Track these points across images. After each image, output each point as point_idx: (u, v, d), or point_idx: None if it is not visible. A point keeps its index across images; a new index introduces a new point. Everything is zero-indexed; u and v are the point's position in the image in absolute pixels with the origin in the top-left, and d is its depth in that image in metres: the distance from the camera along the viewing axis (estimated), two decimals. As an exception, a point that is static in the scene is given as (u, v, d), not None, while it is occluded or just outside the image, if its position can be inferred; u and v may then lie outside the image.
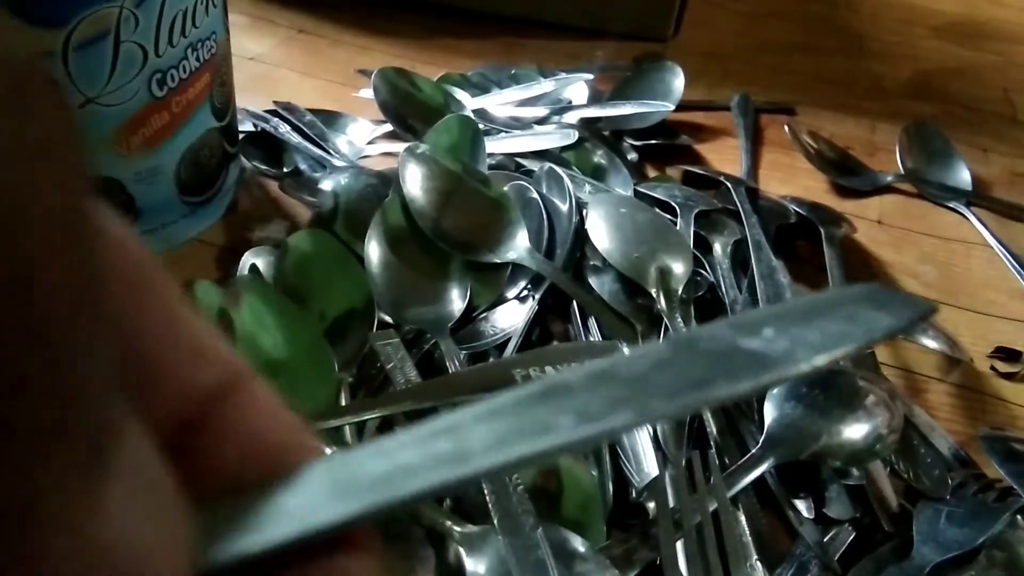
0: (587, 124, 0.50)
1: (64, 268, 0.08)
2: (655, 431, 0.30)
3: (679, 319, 0.35)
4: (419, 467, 0.11)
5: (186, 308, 0.12)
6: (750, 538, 0.27)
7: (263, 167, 0.45)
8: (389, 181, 0.39)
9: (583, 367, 0.12)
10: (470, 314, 0.35)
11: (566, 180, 0.41)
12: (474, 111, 0.49)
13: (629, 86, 0.54)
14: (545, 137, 0.46)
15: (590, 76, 0.54)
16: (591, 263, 0.38)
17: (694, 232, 0.41)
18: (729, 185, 0.45)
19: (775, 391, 0.32)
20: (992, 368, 0.38)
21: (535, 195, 0.40)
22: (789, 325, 0.12)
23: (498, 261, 0.37)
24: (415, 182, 0.37)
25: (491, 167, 0.44)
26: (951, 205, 0.50)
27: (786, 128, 0.54)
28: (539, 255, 0.37)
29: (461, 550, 0.25)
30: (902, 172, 0.52)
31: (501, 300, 0.36)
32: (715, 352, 0.12)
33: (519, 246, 0.37)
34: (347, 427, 0.29)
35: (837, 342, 0.12)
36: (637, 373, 0.12)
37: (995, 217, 0.49)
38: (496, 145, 0.46)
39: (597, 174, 0.46)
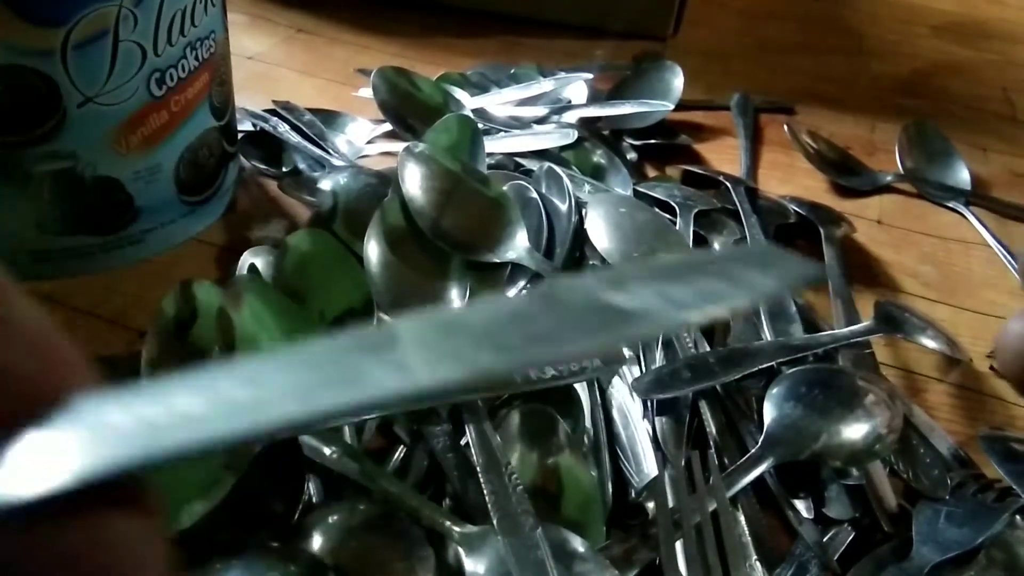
0: (586, 123, 0.50)
1: None
2: (655, 431, 0.30)
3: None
4: (203, 416, 0.10)
5: None
6: (749, 538, 0.27)
7: (262, 166, 0.45)
8: (388, 181, 0.39)
9: (424, 315, 0.11)
10: (469, 314, 0.35)
11: (565, 180, 0.41)
12: (473, 110, 0.49)
13: (628, 85, 0.54)
14: (544, 136, 0.46)
15: (589, 75, 0.54)
16: (590, 263, 0.38)
17: (693, 232, 0.41)
18: (728, 185, 0.45)
19: (774, 391, 0.32)
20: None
21: (534, 195, 0.40)
22: (661, 281, 0.11)
23: (497, 261, 0.37)
24: (414, 181, 0.37)
25: (490, 166, 0.44)
26: (950, 205, 0.50)
27: (785, 128, 0.54)
28: (538, 255, 0.37)
29: (460, 550, 0.25)
30: (901, 172, 0.52)
31: (500, 300, 0.36)
32: (574, 305, 0.11)
33: (518, 246, 0.37)
34: (347, 427, 0.29)
35: (708, 300, 0.11)
36: (482, 325, 0.11)
37: (994, 217, 0.49)
38: (495, 144, 0.46)
39: (596, 174, 0.46)
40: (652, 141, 0.51)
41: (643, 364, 0.34)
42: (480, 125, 0.44)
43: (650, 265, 0.12)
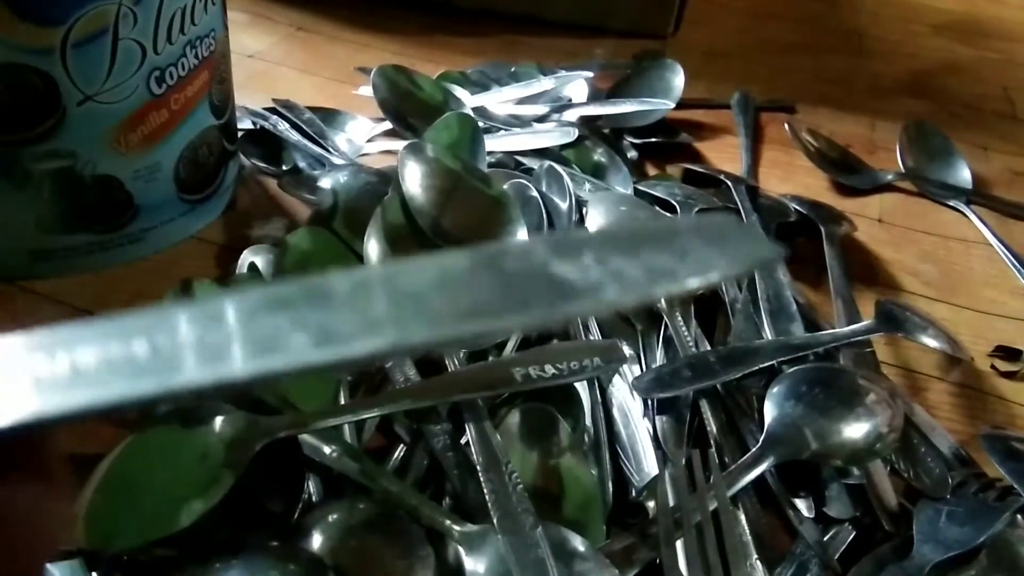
0: (587, 122, 0.50)
1: None
2: (655, 430, 0.30)
3: (679, 318, 0.35)
4: (95, 373, 0.09)
5: None
6: (750, 537, 0.27)
7: (262, 165, 0.45)
8: (388, 179, 0.39)
9: (355, 271, 0.10)
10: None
11: (566, 178, 0.41)
12: (474, 109, 0.49)
13: (629, 84, 0.54)
14: (545, 135, 0.46)
15: (590, 74, 0.54)
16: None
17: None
18: (729, 183, 0.45)
19: (774, 390, 0.32)
20: (992, 367, 0.38)
21: (535, 193, 0.40)
22: (613, 253, 0.11)
23: (498, 259, 0.36)
24: (414, 180, 0.37)
25: (491, 165, 0.44)
26: (951, 203, 0.50)
27: (786, 126, 0.54)
28: (539, 253, 0.37)
29: (460, 549, 0.25)
30: (902, 170, 0.52)
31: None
32: (519, 274, 0.10)
33: (519, 244, 0.37)
34: (346, 426, 0.29)
35: (656, 280, 0.10)
36: (416, 287, 0.10)
37: (995, 215, 0.49)
38: (496, 143, 0.45)
39: (597, 172, 0.46)
40: (653, 140, 0.51)
41: (643, 363, 0.34)
42: (480, 123, 0.44)
43: (602, 234, 0.12)
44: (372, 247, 0.35)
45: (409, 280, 0.10)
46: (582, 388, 0.31)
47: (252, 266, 0.34)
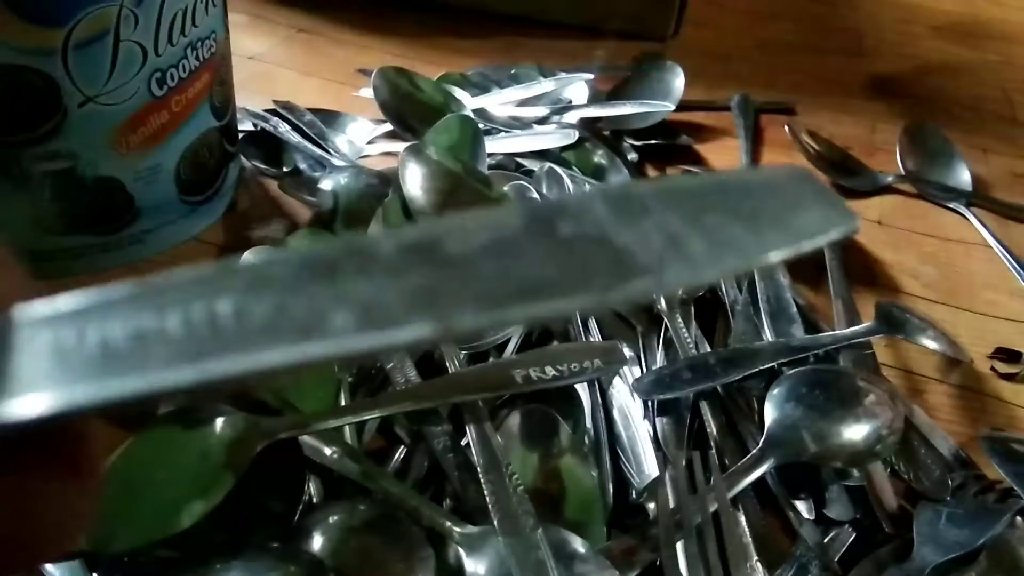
0: (587, 124, 0.50)
1: None
2: (655, 431, 0.30)
3: (679, 319, 0.35)
4: (127, 357, 0.08)
5: None
6: (750, 539, 0.27)
7: (263, 166, 0.45)
8: (389, 181, 0.39)
9: (401, 232, 0.09)
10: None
11: (566, 180, 0.41)
12: (474, 111, 0.49)
13: (629, 86, 0.54)
14: (545, 137, 0.46)
15: (590, 76, 0.54)
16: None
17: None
18: (729, 185, 0.45)
19: (775, 392, 0.32)
20: (992, 369, 0.38)
21: (535, 195, 0.40)
22: (675, 215, 0.10)
23: (498, 261, 0.37)
24: (415, 182, 0.37)
25: (491, 167, 0.44)
26: (951, 205, 0.50)
27: (786, 128, 0.54)
28: (539, 255, 0.37)
29: (461, 550, 0.25)
30: (902, 172, 0.52)
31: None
32: (574, 242, 0.09)
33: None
34: (347, 427, 0.29)
35: (720, 258, 0.09)
36: (466, 252, 0.09)
37: (995, 217, 0.49)
38: (496, 145, 0.45)
39: (597, 174, 0.46)
40: (653, 141, 0.51)
41: (644, 364, 0.34)
42: (481, 125, 0.44)
43: (665, 189, 0.10)
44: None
45: (458, 242, 0.09)
46: (582, 390, 0.31)
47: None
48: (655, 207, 0.10)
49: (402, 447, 0.29)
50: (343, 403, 0.30)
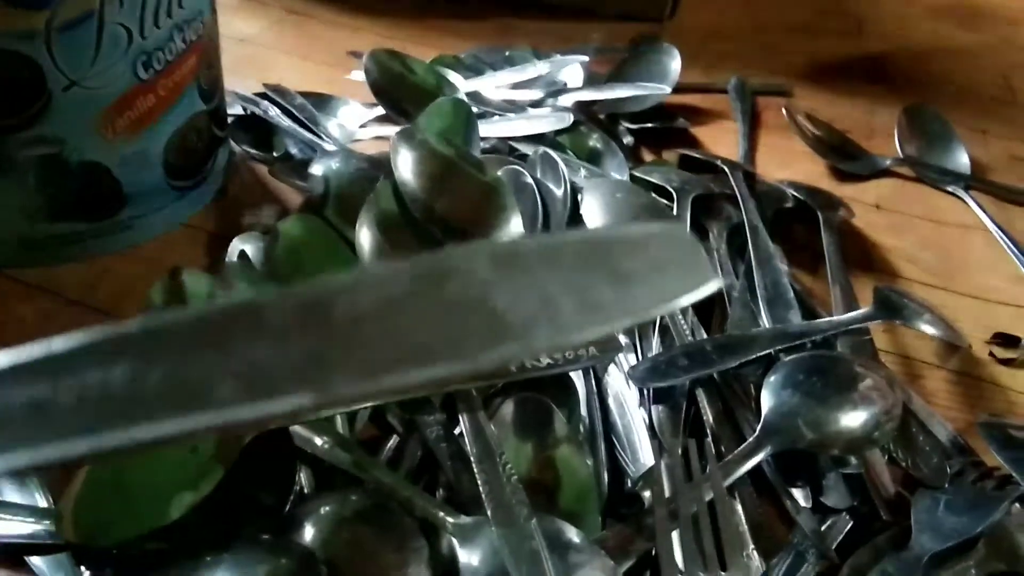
0: (582, 107, 0.49)
1: None
2: (651, 420, 0.30)
3: (675, 305, 0.34)
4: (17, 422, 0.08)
5: None
6: (747, 527, 0.27)
7: (253, 151, 0.44)
8: (381, 165, 0.39)
9: (292, 289, 0.09)
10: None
11: (561, 164, 0.40)
12: (468, 94, 0.48)
13: (625, 68, 0.54)
14: (540, 120, 0.46)
15: (586, 58, 0.53)
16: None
17: (691, 217, 0.41)
18: (726, 169, 0.45)
19: (771, 379, 0.31)
20: (991, 354, 0.37)
21: (529, 180, 0.39)
22: (554, 275, 0.10)
23: (492, 247, 0.36)
24: (407, 166, 0.37)
25: (485, 151, 0.43)
26: (950, 189, 0.50)
27: (784, 111, 0.54)
28: (534, 241, 0.36)
29: (454, 541, 0.25)
30: (900, 156, 0.52)
31: (495, 286, 0.36)
32: (456, 303, 0.09)
33: (513, 231, 0.36)
34: (338, 417, 0.28)
35: (588, 321, 0.10)
36: (353, 315, 0.09)
37: (994, 201, 0.49)
38: (490, 128, 0.45)
39: (592, 158, 0.45)
40: (649, 125, 0.50)
41: (639, 352, 0.33)
42: (474, 109, 0.44)
43: (549, 245, 0.11)
44: (364, 234, 0.34)
45: (347, 301, 0.09)
46: (577, 378, 0.31)
47: (242, 254, 0.34)
48: (536, 266, 0.10)
49: (394, 436, 0.29)
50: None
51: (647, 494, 0.27)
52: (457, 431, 0.28)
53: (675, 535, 0.26)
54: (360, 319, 0.09)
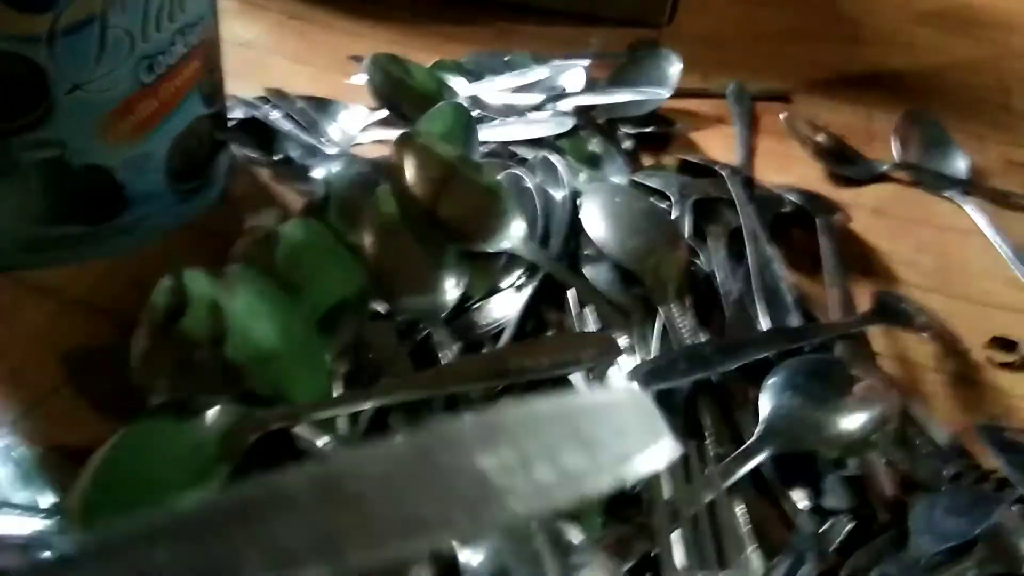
0: (582, 112, 0.49)
1: None
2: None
3: (673, 309, 0.35)
4: None
5: None
6: (746, 529, 0.27)
7: (254, 155, 0.44)
8: (381, 169, 0.39)
9: (306, 468, 0.10)
10: (464, 304, 0.35)
11: (561, 168, 0.40)
12: (468, 98, 0.48)
13: (625, 73, 0.54)
14: (540, 125, 0.46)
15: (585, 63, 0.53)
16: (586, 252, 0.38)
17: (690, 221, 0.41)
18: (725, 174, 0.45)
19: (771, 381, 0.31)
20: (988, 358, 0.38)
21: (529, 184, 0.40)
22: (532, 444, 0.11)
23: (492, 250, 0.36)
24: (408, 170, 0.37)
25: (485, 155, 0.43)
26: (947, 194, 0.50)
27: (782, 116, 0.54)
28: (534, 244, 0.37)
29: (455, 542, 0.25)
30: (898, 161, 0.52)
31: (495, 290, 0.36)
32: (447, 470, 0.11)
33: (513, 235, 0.36)
34: (340, 418, 0.28)
35: (569, 486, 0.11)
36: (361, 490, 0.10)
37: (991, 206, 0.49)
38: (490, 133, 0.45)
39: (592, 162, 0.45)
40: (648, 129, 0.50)
41: (639, 354, 0.33)
42: (474, 113, 0.44)
43: (526, 415, 0.12)
44: (365, 238, 0.35)
45: (355, 482, 0.10)
46: (578, 379, 0.31)
47: (244, 257, 0.34)
48: (517, 434, 0.11)
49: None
50: (336, 394, 0.30)
51: (647, 495, 0.28)
52: (458, 433, 0.28)
53: (675, 536, 0.26)
54: (367, 493, 0.10)
